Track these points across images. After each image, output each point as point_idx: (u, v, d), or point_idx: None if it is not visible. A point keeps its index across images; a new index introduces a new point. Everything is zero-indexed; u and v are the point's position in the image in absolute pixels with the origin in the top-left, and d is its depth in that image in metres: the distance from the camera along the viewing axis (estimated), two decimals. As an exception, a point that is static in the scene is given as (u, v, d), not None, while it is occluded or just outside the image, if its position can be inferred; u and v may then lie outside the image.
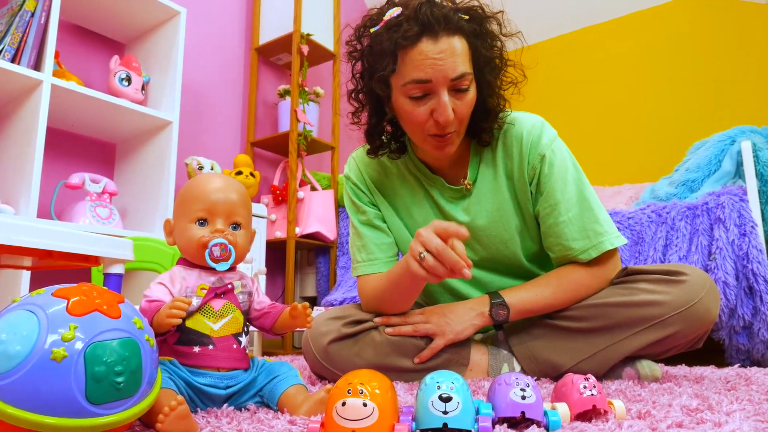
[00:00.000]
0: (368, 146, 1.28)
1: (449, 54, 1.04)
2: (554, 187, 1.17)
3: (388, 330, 1.20)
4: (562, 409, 0.71)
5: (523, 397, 0.67)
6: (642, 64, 3.32)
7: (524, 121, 1.21)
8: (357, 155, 1.36)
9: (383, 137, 1.25)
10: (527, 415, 0.66)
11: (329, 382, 1.18)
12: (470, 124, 1.18)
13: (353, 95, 1.23)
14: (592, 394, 0.72)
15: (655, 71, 3.27)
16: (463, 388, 0.64)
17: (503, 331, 1.23)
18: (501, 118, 1.19)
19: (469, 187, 1.24)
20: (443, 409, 0.62)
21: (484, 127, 1.18)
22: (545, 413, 0.67)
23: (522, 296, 1.17)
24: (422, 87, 1.07)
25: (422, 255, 0.96)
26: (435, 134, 1.12)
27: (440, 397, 0.62)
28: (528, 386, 0.68)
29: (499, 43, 1.15)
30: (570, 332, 1.16)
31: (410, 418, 0.65)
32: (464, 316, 1.18)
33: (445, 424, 0.61)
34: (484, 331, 1.31)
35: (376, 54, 1.11)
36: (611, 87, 3.36)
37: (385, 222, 1.32)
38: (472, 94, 1.11)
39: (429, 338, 1.19)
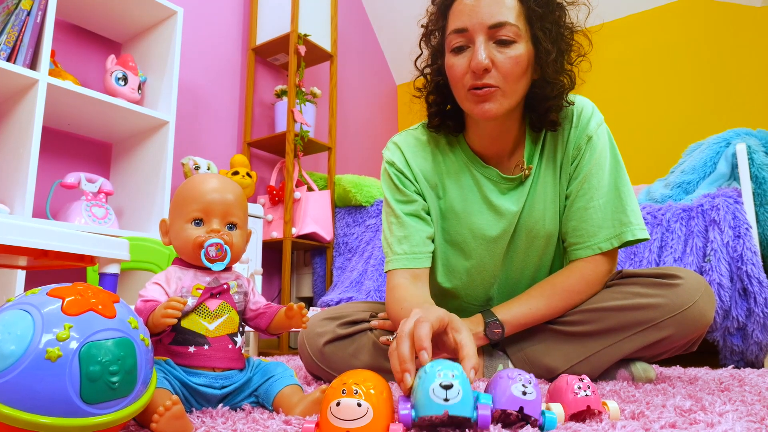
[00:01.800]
0: (418, 127, 1.30)
1: (489, 2, 1.06)
2: (591, 172, 1.16)
3: (383, 339, 1.20)
4: (557, 410, 0.71)
5: (524, 393, 0.67)
6: (637, 67, 3.33)
7: (576, 101, 1.20)
8: (401, 141, 1.29)
9: (442, 109, 1.24)
10: (525, 411, 0.66)
11: (324, 383, 1.18)
12: (533, 104, 1.16)
13: (422, 69, 1.25)
14: (587, 395, 0.72)
15: (650, 74, 3.28)
16: (462, 377, 0.64)
17: (499, 345, 1.22)
18: (561, 98, 1.15)
19: (528, 172, 1.20)
20: (444, 397, 0.62)
21: (548, 105, 1.14)
22: (542, 412, 0.68)
23: (515, 311, 1.15)
24: (461, 36, 1.09)
25: (393, 337, 0.83)
26: (472, 87, 1.09)
27: (441, 385, 0.62)
28: (530, 383, 0.68)
29: (556, 1, 1.11)
30: (564, 336, 1.16)
31: (409, 405, 0.65)
32: None
33: (446, 412, 0.62)
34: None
35: (432, 17, 1.19)
36: (606, 89, 3.37)
37: (429, 214, 1.25)
38: (519, 50, 1.07)
39: None
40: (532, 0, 1.07)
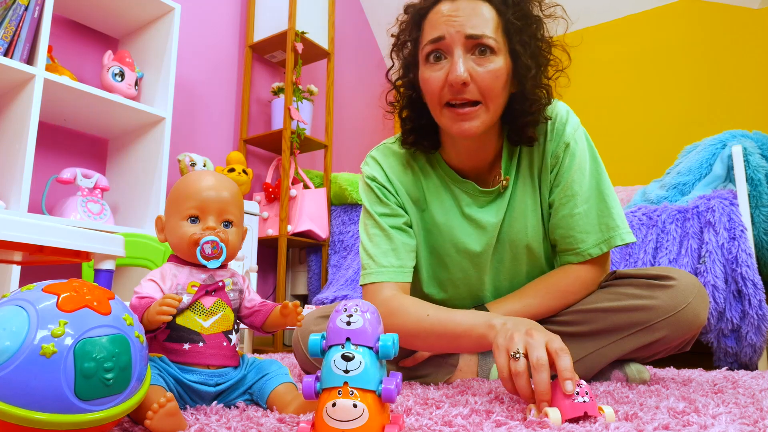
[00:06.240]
0: (395, 140, 1.26)
1: (466, 13, 1.03)
2: (573, 179, 1.13)
3: None
4: (554, 415, 0.71)
5: (349, 323, 0.65)
6: (633, 68, 3.34)
7: (549, 107, 1.15)
8: (379, 156, 1.26)
9: (417, 126, 1.20)
10: (353, 341, 0.64)
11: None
12: (510, 118, 1.13)
13: (394, 83, 1.23)
14: (584, 401, 0.72)
15: (646, 75, 3.29)
16: (368, 351, 0.63)
17: None
18: (539, 114, 1.11)
19: (505, 183, 1.17)
20: (345, 368, 0.62)
21: (525, 120, 1.10)
22: (379, 339, 0.65)
23: (508, 308, 1.15)
24: (437, 46, 1.04)
25: (518, 354, 0.80)
26: (450, 102, 1.05)
27: (342, 356, 0.62)
28: (356, 311, 0.66)
29: (533, 14, 1.08)
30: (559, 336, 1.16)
31: (314, 377, 0.64)
32: None
33: (345, 383, 0.61)
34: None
35: (405, 27, 1.15)
36: (603, 90, 3.38)
37: (411, 227, 1.22)
38: (499, 64, 1.03)
39: None
40: (510, 12, 1.04)
